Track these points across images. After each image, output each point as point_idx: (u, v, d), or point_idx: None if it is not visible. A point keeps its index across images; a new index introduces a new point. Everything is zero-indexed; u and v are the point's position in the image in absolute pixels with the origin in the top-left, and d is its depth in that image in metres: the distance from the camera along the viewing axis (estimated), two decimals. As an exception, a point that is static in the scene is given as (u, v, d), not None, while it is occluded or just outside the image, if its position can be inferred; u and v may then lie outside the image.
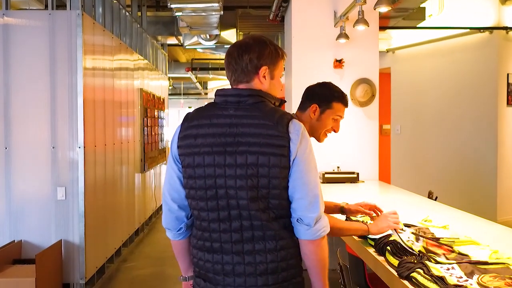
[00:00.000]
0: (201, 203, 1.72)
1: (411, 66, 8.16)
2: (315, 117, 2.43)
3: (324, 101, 2.42)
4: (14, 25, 4.21)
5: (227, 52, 1.83)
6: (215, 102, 1.80)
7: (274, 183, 1.70)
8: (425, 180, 7.56)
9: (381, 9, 3.89)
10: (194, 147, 1.72)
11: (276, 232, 1.72)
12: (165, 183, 1.84)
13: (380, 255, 2.26)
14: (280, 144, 1.69)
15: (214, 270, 1.73)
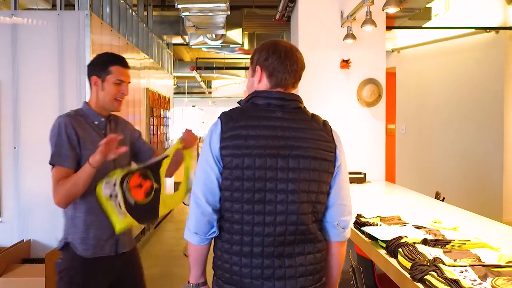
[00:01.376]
0: (247, 206, 1.68)
1: (417, 66, 8.14)
2: (100, 88, 2.40)
3: (101, 70, 2.40)
4: (22, 25, 4.22)
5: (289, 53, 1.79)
6: (256, 104, 1.78)
7: (322, 188, 1.76)
8: (430, 180, 7.56)
9: (389, 9, 3.89)
10: (245, 148, 1.68)
11: (315, 235, 1.77)
12: (198, 185, 1.75)
13: (392, 257, 2.27)
14: (329, 150, 1.77)
15: (252, 275, 1.70)
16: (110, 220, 2.25)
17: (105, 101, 2.40)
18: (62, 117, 2.34)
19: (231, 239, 1.72)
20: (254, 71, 1.85)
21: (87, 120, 2.38)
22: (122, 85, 2.42)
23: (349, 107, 5.32)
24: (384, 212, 3.15)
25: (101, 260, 2.36)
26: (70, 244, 2.33)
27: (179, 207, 9.57)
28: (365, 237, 2.64)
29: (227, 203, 1.72)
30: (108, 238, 2.37)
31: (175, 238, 6.89)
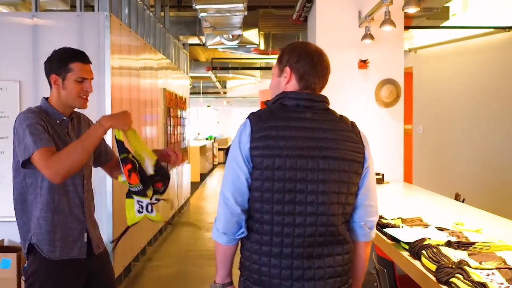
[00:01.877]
0: (277, 207, 1.68)
1: (434, 65, 8.08)
2: (61, 87, 2.26)
3: (61, 67, 2.25)
4: (43, 26, 4.27)
5: (320, 58, 1.81)
6: (285, 105, 1.78)
7: (351, 189, 1.77)
8: (448, 181, 7.49)
9: (409, 9, 3.87)
10: (276, 149, 1.68)
11: (344, 236, 1.78)
12: (226, 185, 1.75)
13: (415, 259, 2.25)
14: (358, 151, 1.78)
15: (282, 276, 1.70)
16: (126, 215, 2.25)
17: (69, 99, 2.26)
18: (28, 112, 2.19)
19: (260, 239, 1.72)
20: (281, 71, 1.85)
21: (49, 118, 2.24)
22: (85, 83, 2.27)
23: (367, 108, 5.29)
24: (404, 214, 3.13)
25: (70, 262, 2.25)
26: (35, 246, 2.20)
27: (195, 205, 9.56)
28: (387, 238, 2.63)
29: (257, 203, 1.71)
30: (75, 240, 2.27)
31: (192, 238, 6.91)
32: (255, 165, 1.70)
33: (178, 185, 7.88)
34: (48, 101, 2.30)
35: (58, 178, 2.08)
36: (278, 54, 1.91)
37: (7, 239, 4.23)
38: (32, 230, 2.21)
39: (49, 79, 2.29)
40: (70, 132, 2.32)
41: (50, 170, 2.06)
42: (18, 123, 2.17)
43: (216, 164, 18.75)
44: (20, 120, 2.16)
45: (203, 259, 5.82)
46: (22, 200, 2.25)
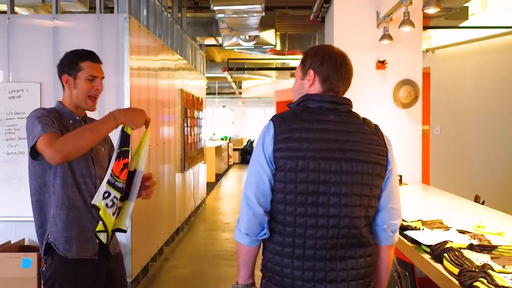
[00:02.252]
0: (300, 209, 1.69)
1: (452, 66, 8.01)
2: (72, 87, 2.29)
3: (72, 67, 2.29)
4: (63, 28, 4.31)
5: (344, 61, 1.81)
6: (308, 107, 1.79)
7: (374, 192, 1.77)
8: (466, 182, 7.42)
9: (429, 10, 3.84)
10: (299, 151, 1.68)
11: (367, 239, 1.78)
12: (249, 186, 1.75)
13: (437, 262, 2.24)
14: (382, 153, 1.79)
15: (304, 278, 1.70)
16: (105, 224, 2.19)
17: (79, 99, 2.29)
18: (38, 109, 2.23)
19: (283, 241, 1.72)
20: (305, 74, 1.85)
21: (63, 118, 2.28)
22: (95, 81, 2.30)
23: (385, 108, 5.26)
24: (424, 216, 3.11)
25: (87, 263, 2.25)
26: (52, 245, 2.21)
27: (211, 206, 9.59)
28: (407, 241, 2.61)
29: (279, 205, 1.72)
30: (89, 238, 2.26)
31: (209, 238, 6.94)
32: (278, 166, 1.70)
33: (194, 185, 7.91)
34: (62, 103, 2.35)
35: (58, 156, 2.03)
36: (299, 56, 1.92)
37: (27, 239, 4.29)
38: (49, 229, 2.23)
39: (61, 80, 2.33)
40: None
41: (52, 148, 2.03)
42: (29, 119, 2.19)
43: (231, 164, 18.79)
44: (31, 116, 2.19)
45: (220, 259, 5.83)
46: (37, 200, 2.26)
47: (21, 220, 4.27)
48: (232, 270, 5.41)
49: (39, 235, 2.29)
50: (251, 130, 24.67)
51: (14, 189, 4.25)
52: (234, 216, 8.58)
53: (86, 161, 2.28)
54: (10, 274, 3.88)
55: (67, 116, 2.30)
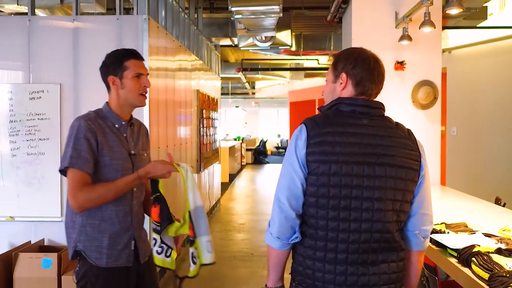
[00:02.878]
0: (333, 213, 1.69)
1: (469, 66, 7.94)
2: (119, 87, 2.28)
3: (117, 67, 2.28)
4: (83, 29, 4.33)
5: (377, 64, 1.81)
6: (341, 110, 1.78)
7: (406, 197, 1.76)
8: (484, 184, 7.35)
9: (452, 11, 3.80)
10: (332, 155, 1.68)
11: (399, 244, 1.77)
12: (281, 190, 1.74)
13: (464, 266, 2.21)
14: (415, 158, 1.77)
15: (336, 282, 1.70)
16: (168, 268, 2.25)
17: (128, 98, 2.28)
18: (82, 120, 2.21)
19: (314, 245, 1.72)
20: (337, 77, 1.84)
21: (107, 123, 2.27)
22: (142, 78, 2.29)
23: (403, 109, 5.22)
24: (446, 218, 3.08)
25: (118, 270, 2.26)
26: (81, 252, 2.22)
27: (225, 206, 9.58)
28: (432, 244, 2.59)
29: (312, 209, 1.71)
30: (123, 248, 2.27)
31: (224, 239, 6.93)
32: (310, 170, 1.70)
33: (209, 186, 7.91)
34: (108, 105, 2.33)
35: (79, 210, 2.15)
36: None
37: (47, 239, 4.32)
38: (78, 237, 2.23)
39: (106, 82, 2.31)
40: (128, 137, 2.34)
41: (75, 200, 2.11)
42: (71, 129, 2.21)
43: (244, 164, 18.78)
44: (73, 127, 2.20)
45: (236, 260, 5.83)
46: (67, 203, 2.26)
47: (41, 221, 4.30)
48: (248, 271, 5.41)
49: (67, 238, 2.29)
50: (263, 131, 24.68)
51: (34, 190, 4.28)
52: (248, 217, 8.58)
53: (127, 169, 2.27)
54: (30, 274, 3.90)
55: (112, 120, 2.30)
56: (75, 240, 2.23)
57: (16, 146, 4.28)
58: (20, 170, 4.29)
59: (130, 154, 2.31)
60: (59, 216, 4.29)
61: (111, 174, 2.21)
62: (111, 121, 2.29)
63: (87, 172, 2.15)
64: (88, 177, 2.16)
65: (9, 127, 4.28)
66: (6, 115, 4.28)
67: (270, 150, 23.36)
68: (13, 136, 4.28)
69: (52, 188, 4.27)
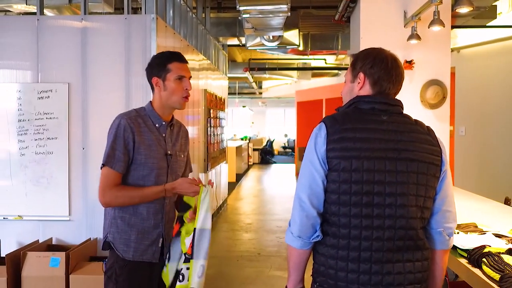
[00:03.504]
0: (355, 210, 1.66)
1: (477, 65, 7.89)
2: (162, 89, 2.37)
3: (161, 69, 2.36)
4: (92, 28, 4.33)
5: (395, 63, 1.81)
6: (360, 108, 1.78)
7: (429, 193, 1.75)
8: (492, 185, 7.30)
9: (462, 9, 3.78)
10: (353, 151, 1.67)
11: (423, 241, 1.74)
12: (302, 188, 1.73)
13: (475, 267, 2.19)
14: (436, 154, 1.77)
15: (360, 281, 1.67)
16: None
17: (170, 100, 2.36)
18: (124, 118, 2.32)
19: (337, 243, 1.70)
20: (355, 77, 1.85)
21: (147, 122, 2.36)
22: (184, 81, 2.37)
23: (412, 109, 5.16)
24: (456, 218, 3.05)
25: (143, 265, 2.34)
26: (110, 244, 2.33)
27: (232, 206, 9.58)
28: (442, 244, 2.56)
29: (333, 206, 1.70)
30: (151, 244, 2.35)
31: (231, 239, 6.93)
32: (331, 167, 1.69)
33: (216, 185, 7.91)
34: (152, 104, 2.42)
35: (105, 206, 2.33)
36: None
37: (55, 238, 4.33)
38: (108, 228, 2.35)
39: (151, 83, 2.40)
40: (167, 138, 2.42)
41: (103, 197, 2.27)
42: (112, 126, 2.32)
43: (251, 164, 18.78)
44: (114, 124, 2.32)
45: (243, 260, 5.82)
46: None
47: (49, 220, 4.32)
48: (255, 271, 5.40)
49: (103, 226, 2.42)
50: (270, 130, 24.67)
51: (43, 189, 4.30)
52: (255, 217, 8.58)
53: (161, 169, 2.35)
54: (38, 273, 3.91)
55: (154, 119, 2.39)
56: (106, 231, 2.36)
57: (24, 145, 4.30)
58: (28, 169, 4.30)
59: (166, 154, 2.39)
60: (67, 215, 4.30)
61: (146, 171, 2.32)
62: (152, 120, 2.39)
63: (119, 171, 2.28)
64: (119, 176, 2.29)
65: (17, 126, 4.30)
66: (15, 114, 4.30)
67: (277, 150, 23.35)
68: (22, 135, 4.30)
69: (60, 187, 4.28)
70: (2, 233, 4.30)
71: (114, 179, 2.27)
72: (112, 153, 2.26)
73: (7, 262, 3.78)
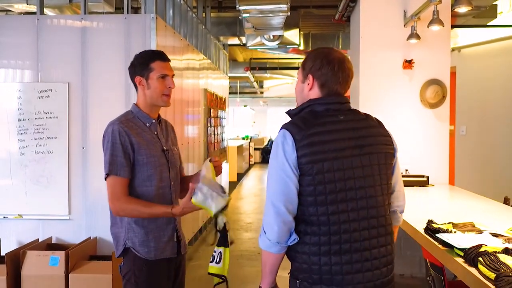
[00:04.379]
0: (332, 207, 1.77)
1: (478, 65, 7.88)
2: (146, 87, 2.37)
3: (144, 68, 2.36)
4: (91, 28, 4.34)
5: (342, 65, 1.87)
6: (316, 111, 1.86)
7: (389, 180, 1.95)
8: (493, 184, 7.29)
9: (460, 9, 3.78)
10: (322, 153, 1.77)
11: (390, 225, 1.93)
12: (276, 196, 1.79)
13: (471, 266, 2.20)
14: (390, 143, 1.95)
15: (343, 271, 1.77)
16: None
17: (153, 98, 2.37)
18: (115, 125, 2.32)
19: (318, 241, 1.78)
20: (305, 77, 1.93)
21: (138, 124, 2.37)
22: (167, 79, 2.38)
23: (412, 108, 5.20)
24: (454, 218, 3.06)
25: (163, 261, 2.38)
26: (131, 249, 2.34)
27: (233, 205, 9.56)
28: (439, 243, 2.57)
29: (311, 207, 1.78)
30: (168, 240, 2.39)
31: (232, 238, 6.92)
32: (304, 172, 1.77)
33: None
34: (137, 105, 2.43)
35: (115, 215, 2.34)
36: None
37: (55, 237, 4.34)
38: (126, 235, 2.35)
39: (134, 82, 2.41)
40: (159, 134, 2.45)
41: (113, 206, 2.29)
42: (105, 135, 2.32)
43: (253, 164, 18.78)
44: (107, 133, 2.31)
45: (243, 259, 5.83)
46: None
47: (49, 219, 4.33)
48: (255, 270, 5.41)
49: (115, 236, 2.41)
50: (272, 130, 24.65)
51: (42, 188, 4.31)
52: (256, 216, 8.58)
53: (162, 165, 2.39)
54: (38, 272, 3.93)
55: (144, 120, 2.40)
56: (124, 238, 2.35)
57: (24, 145, 4.31)
58: (28, 169, 4.32)
59: (163, 150, 2.42)
60: (66, 214, 4.32)
61: (150, 171, 2.34)
62: (142, 120, 2.40)
63: (125, 177, 2.29)
64: (126, 182, 2.30)
65: (17, 125, 4.31)
66: (15, 113, 4.32)
67: (278, 149, 23.26)
68: (22, 134, 4.31)
69: (60, 186, 4.29)
70: (2, 232, 4.32)
71: (121, 186, 2.29)
72: (114, 161, 2.27)
73: (7, 261, 3.79)
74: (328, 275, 1.77)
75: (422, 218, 3.06)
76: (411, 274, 4.95)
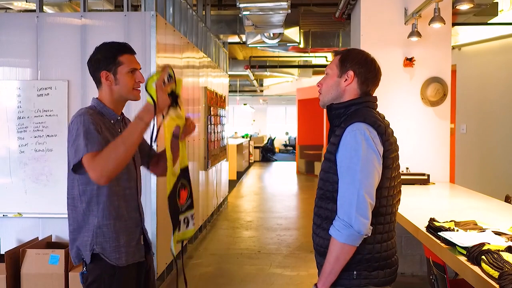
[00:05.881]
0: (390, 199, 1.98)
1: (479, 63, 7.86)
2: (113, 83, 2.19)
3: (110, 62, 2.17)
4: (91, 26, 4.33)
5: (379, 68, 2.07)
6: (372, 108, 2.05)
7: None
8: (494, 182, 7.28)
9: (462, 6, 3.76)
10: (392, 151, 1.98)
11: None
12: (368, 188, 1.87)
13: (474, 264, 2.18)
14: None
15: (395, 253, 2.05)
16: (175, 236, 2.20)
17: (122, 94, 2.20)
18: (85, 114, 2.11)
19: (382, 229, 1.97)
20: (343, 73, 2.04)
21: (103, 120, 2.18)
22: (136, 73, 2.21)
23: (412, 107, 5.19)
24: (456, 216, 3.05)
25: (133, 266, 2.24)
26: (100, 255, 2.15)
27: (233, 204, 9.56)
28: (441, 242, 2.56)
29: (383, 199, 1.95)
30: (136, 243, 2.26)
31: (232, 236, 6.92)
32: (387, 165, 1.93)
33: (217, 183, 7.91)
34: (101, 101, 2.23)
35: (103, 179, 2.00)
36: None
37: (54, 235, 4.33)
38: (94, 239, 2.15)
39: (98, 77, 2.21)
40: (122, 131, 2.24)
41: (95, 172, 1.99)
42: (74, 125, 2.10)
43: (252, 162, 18.77)
44: (77, 123, 2.09)
45: (243, 257, 5.82)
46: (73, 206, 2.20)
47: (48, 217, 4.32)
48: (255, 268, 5.39)
49: (72, 239, 2.21)
50: (271, 128, 24.65)
51: (42, 186, 4.30)
52: (256, 214, 8.57)
53: (129, 165, 2.23)
54: (38, 270, 3.92)
55: (109, 116, 2.22)
56: (91, 243, 2.15)
57: (24, 143, 4.30)
58: (28, 167, 4.30)
59: None
60: (66, 213, 4.29)
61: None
62: (107, 117, 2.22)
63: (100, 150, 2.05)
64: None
65: (17, 123, 4.30)
66: (14, 111, 4.30)
67: (278, 148, 23.33)
68: (21, 132, 4.30)
69: (60, 184, 4.27)
70: (1, 231, 4.31)
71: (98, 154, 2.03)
72: (89, 140, 2.04)
73: (6, 259, 3.78)
74: (384, 260, 1.96)
75: (424, 216, 3.05)
76: (411, 272, 4.94)
